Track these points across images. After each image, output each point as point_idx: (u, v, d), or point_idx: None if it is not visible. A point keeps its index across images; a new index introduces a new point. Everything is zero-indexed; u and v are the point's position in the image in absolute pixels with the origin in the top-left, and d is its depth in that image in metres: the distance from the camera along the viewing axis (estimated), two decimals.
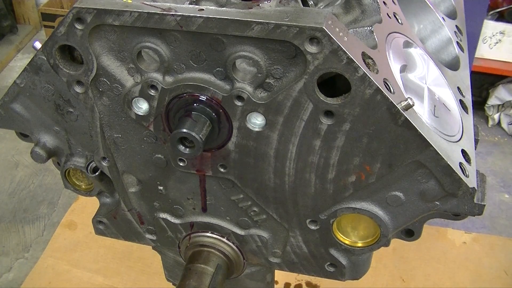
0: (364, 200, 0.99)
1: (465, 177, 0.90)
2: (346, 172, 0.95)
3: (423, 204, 0.96)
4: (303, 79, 0.85)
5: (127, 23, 0.89)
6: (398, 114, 0.85)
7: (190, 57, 0.92)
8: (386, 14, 1.04)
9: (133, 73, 0.97)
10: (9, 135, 3.78)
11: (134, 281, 2.69)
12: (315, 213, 1.04)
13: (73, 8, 0.90)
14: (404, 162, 0.90)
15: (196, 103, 0.95)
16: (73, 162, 1.17)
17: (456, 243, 2.98)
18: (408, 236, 1.06)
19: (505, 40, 3.87)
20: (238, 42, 0.87)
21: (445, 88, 1.12)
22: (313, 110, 0.88)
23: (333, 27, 0.81)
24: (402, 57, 1.02)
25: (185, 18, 0.86)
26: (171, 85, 0.95)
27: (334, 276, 1.15)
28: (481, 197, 0.95)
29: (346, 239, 1.08)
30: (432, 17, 1.35)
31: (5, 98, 1.11)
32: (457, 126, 1.03)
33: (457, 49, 1.31)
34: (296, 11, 0.85)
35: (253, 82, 0.90)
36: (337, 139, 0.91)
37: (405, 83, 0.96)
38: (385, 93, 0.84)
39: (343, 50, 0.81)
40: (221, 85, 0.93)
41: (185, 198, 1.16)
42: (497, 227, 3.31)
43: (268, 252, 1.17)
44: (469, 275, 2.78)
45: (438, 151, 0.87)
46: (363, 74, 0.82)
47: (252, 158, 1.00)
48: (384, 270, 2.72)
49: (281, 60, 0.87)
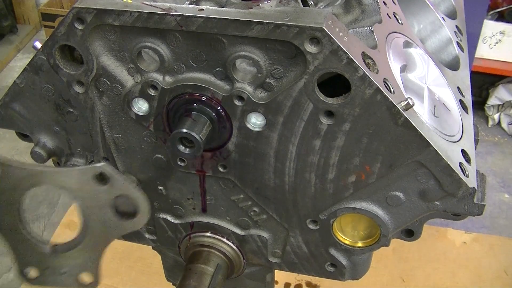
0: (364, 200, 0.99)
1: (465, 177, 0.90)
2: (346, 172, 0.95)
3: (423, 204, 0.96)
4: (303, 79, 0.85)
5: (127, 23, 0.89)
6: (398, 114, 0.85)
7: (190, 57, 0.92)
8: (386, 14, 1.04)
9: (133, 73, 0.97)
10: (9, 135, 3.77)
11: (134, 281, 2.69)
12: (315, 213, 1.04)
13: (73, 8, 0.91)
14: (404, 162, 0.90)
15: (196, 103, 0.95)
16: (73, 162, 1.17)
17: (456, 243, 2.98)
18: (408, 236, 1.06)
19: (505, 40, 3.87)
20: (238, 42, 0.87)
21: (445, 88, 1.12)
22: (313, 110, 0.88)
23: (333, 27, 0.82)
24: (402, 57, 1.03)
25: (185, 18, 0.86)
26: (171, 85, 0.95)
27: (334, 276, 1.15)
28: (481, 197, 0.95)
29: (346, 239, 1.08)
30: (432, 17, 1.35)
31: (5, 98, 1.11)
32: (457, 126, 1.03)
33: (457, 49, 1.31)
34: (296, 11, 0.85)
35: (253, 82, 0.90)
36: (337, 139, 0.91)
37: (405, 83, 0.96)
38: (385, 93, 0.84)
39: (343, 50, 0.81)
40: (221, 85, 0.93)
41: (185, 198, 1.16)
42: (497, 227, 3.31)
43: (268, 252, 1.17)
44: (469, 275, 2.78)
45: (438, 151, 0.87)
46: (363, 74, 0.82)
47: (252, 158, 1.00)
48: (384, 270, 2.72)
49: (281, 60, 0.87)
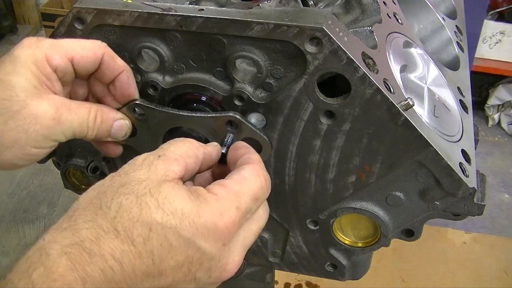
0: (364, 200, 0.99)
1: (465, 177, 0.90)
2: (346, 172, 0.95)
3: (423, 204, 0.96)
4: (303, 79, 0.85)
5: (127, 23, 0.89)
6: (398, 114, 0.85)
7: (190, 57, 0.92)
8: (386, 14, 1.04)
9: (133, 73, 0.97)
10: None
11: None
12: (315, 213, 1.04)
13: (73, 8, 0.91)
14: (404, 162, 0.90)
15: (196, 103, 0.95)
16: (73, 162, 1.17)
17: (456, 243, 2.98)
18: (408, 236, 1.06)
19: (505, 40, 3.87)
20: (238, 42, 0.87)
21: (445, 88, 1.12)
22: (313, 110, 0.88)
23: (333, 27, 0.81)
24: (402, 57, 1.02)
25: (185, 18, 0.86)
26: (171, 85, 0.95)
27: (334, 276, 1.15)
28: (481, 197, 0.95)
29: (346, 239, 1.08)
30: (432, 17, 1.35)
31: None
32: (457, 126, 1.03)
33: (457, 49, 1.31)
34: (296, 11, 0.85)
35: (253, 82, 0.90)
36: (337, 139, 0.91)
37: (405, 83, 0.96)
38: (385, 93, 0.84)
39: (343, 50, 0.81)
40: (221, 85, 0.93)
41: None
42: (497, 227, 3.31)
43: (268, 252, 1.17)
44: (469, 275, 2.78)
45: (438, 151, 0.87)
46: (363, 74, 0.82)
47: None
48: (384, 270, 2.72)
49: (281, 60, 0.87)
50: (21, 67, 0.81)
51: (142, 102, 0.91)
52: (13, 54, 0.83)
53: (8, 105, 0.79)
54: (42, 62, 0.82)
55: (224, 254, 0.70)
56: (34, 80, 0.81)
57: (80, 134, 0.86)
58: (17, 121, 0.80)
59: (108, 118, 0.90)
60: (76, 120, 0.85)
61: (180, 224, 0.65)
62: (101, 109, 0.89)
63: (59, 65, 0.84)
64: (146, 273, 0.64)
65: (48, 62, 0.83)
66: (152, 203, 0.65)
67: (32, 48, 0.83)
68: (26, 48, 0.83)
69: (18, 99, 0.80)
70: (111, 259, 0.62)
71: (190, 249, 0.66)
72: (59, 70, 0.84)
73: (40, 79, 0.82)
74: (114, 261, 0.62)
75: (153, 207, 0.65)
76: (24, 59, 0.82)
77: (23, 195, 3.46)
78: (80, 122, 0.85)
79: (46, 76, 0.83)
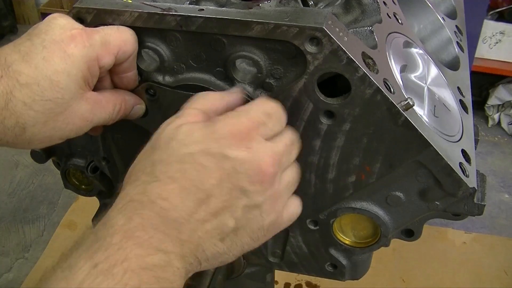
0: (364, 200, 0.99)
1: (465, 177, 0.90)
2: (346, 172, 0.95)
3: (423, 204, 0.96)
4: (303, 79, 0.85)
5: (127, 23, 0.89)
6: (398, 114, 0.85)
7: (190, 57, 0.92)
8: (386, 14, 1.04)
9: None
10: None
11: None
12: (315, 213, 1.04)
13: (73, 8, 0.91)
14: (404, 162, 0.90)
15: None
16: (73, 162, 1.17)
17: (456, 243, 2.98)
18: (408, 236, 1.06)
19: (505, 40, 3.87)
20: (238, 42, 0.87)
21: (445, 88, 1.12)
22: (313, 110, 0.88)
23: (333, 27, 0.82)
24: (402, 57, 1.02)
25: (185, 18, 0.86)
26: (171, 85, 0.95)
27: (334, 276, 1.15)
28: (481, 197, 0.95)
29: (346, 239, 1.08)
30: (432, 17, 1.35)
31: None
32: (457, 126, 1.03)
33: (457, 49, 1.31)
34: (296, 11, 0.85)
35: (253, 82, 0.90)
36: (337, 139, 0.91)
37: (405, 83, 0.96)
38: (385, 93, 0.84)
39: (343, 50, 0.81)
40: (221, 85, 0.93)
41: None
42: (497, 227, 3.30)
43: (268, 252, 1.17)
44: (469, 275, 2.78)
45: (438, 151, 0.87)
46: (363, 74, 0.82)
47: None
48: (384, 270, 2.72)
49: (281, 60, 0.87)
50: (73, 68, 0.80)
51: (154, 83, 0.93)
52: (65, 50, 0.80)
53: (52, 107, 0.79)
54: (93, 62, 0.82)
55: (251, 155, 0.73)
56: (81, 81, 0.82)
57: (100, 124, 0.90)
58: (56, 122, 0.81)
59: (129, 106, 0.92)
60: (103, 116, 0.87)
61: (205, 146, 0.71)
62: (124, 100, 0.91)
63: (106, 63, 0.84)
64: (194, 200, 0.69)
65: (98, 61, 0.83)
66: (175, 144, 0.72)
67: (86, 46, 0.81)
68: (80, 46, 0.81)
69: (63, 101, 0.80)
70: (160, 200, 0.68)
71: (221, 162, 0.71)
72: (105, 68, 0.85)
73: (87, 79, 0.83)
74: (163, 200, 0.68)
75: (178, 146, 0.72)
76: (78, 59, 0.80)
77: (23, 195, 3.46)
78: (106, 117, 0.88)
79: (92, 74, 0.83)
